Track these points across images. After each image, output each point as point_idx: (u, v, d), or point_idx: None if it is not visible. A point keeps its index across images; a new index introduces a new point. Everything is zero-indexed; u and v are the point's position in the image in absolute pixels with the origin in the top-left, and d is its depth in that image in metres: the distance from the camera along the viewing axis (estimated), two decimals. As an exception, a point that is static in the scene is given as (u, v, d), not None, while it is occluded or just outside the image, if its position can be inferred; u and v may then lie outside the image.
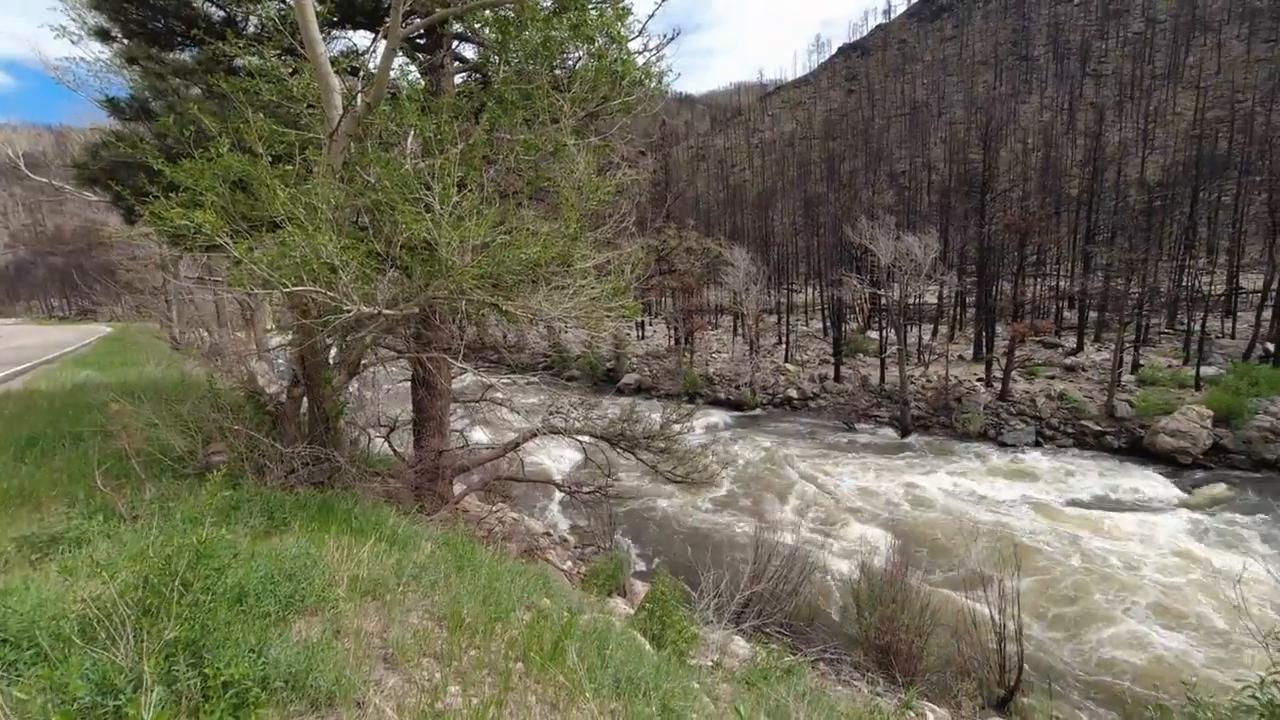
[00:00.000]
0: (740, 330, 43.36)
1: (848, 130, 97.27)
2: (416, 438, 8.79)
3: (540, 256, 4.57)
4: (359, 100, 4.44)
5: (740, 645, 9.51)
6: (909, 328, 36.41)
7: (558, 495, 19.99)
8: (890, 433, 27.75)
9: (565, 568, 14.01)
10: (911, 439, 26.68)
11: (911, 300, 39.28)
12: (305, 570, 3.21)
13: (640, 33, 6.22)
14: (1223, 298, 38.91)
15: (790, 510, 19.82)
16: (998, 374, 28.85)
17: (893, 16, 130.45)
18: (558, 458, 23.18)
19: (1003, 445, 25.27)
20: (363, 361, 5.91)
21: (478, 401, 10.63)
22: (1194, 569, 15.11)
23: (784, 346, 39.69)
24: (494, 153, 4.49)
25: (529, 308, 5.26)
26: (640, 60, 5.94)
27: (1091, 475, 21.85)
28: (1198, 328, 30.98)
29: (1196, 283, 37.79)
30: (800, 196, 64.97)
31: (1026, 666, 11.45)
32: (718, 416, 31.74)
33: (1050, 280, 43.87)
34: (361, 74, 5.74)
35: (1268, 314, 31.71)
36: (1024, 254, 33.15)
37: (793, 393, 32.56)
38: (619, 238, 7.62)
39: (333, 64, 4.70)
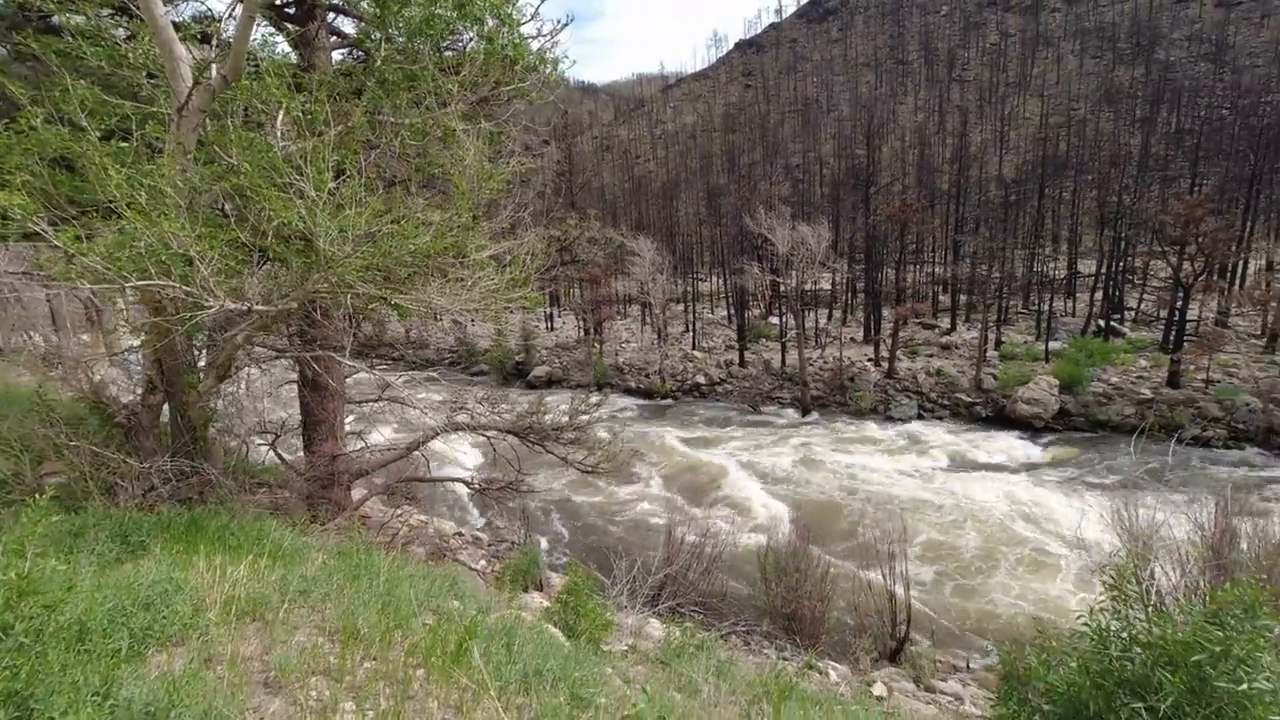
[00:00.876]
0: (648, 320, 43.99)
1: (746, 124, 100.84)
2: (307, 443, 8.15)
3: (432, 247, 4.36)
4: (214, 72, 3.98)
5: (655, 627, 9.73)
6: (806, 313, 38.57)
7: (469, 494, 19.40)
8: (792, 413, 29.33)
9: (479, 567, 13.65)
10: (812, 418, 28.36)
11: (808, 287, 41.60)
12: (166, 597, 2.88)
13: (533, 16, 6.07)
14: (1064, 281, 44.43)
15: (701, 492, 20.47)
16: (885, 354, 31.26)
17: (784, 16, 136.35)
18: (468, 455, 22.50)
19: (890, 419, 27.47)
20: (235, 363, 5.38)
21: (376, 401, 10.04)
22: (1046, 518, 17.26)
23: (691, 334, 40.74)
24: (377, 137, 4.20)
25: (423, 301, 5.02)
26: (535, 45, 5.79)
27: (965, 442, 24.31)
28: (1046, 308, 35.19)
29: (1045, 268, 42.87)
30: (703, 187, 66.69)
31: (913, 619, 12.64)
32: (629, 405, 32.08)
33: (928, 267, 48.04)
34: (216, 43, 5.15)
35: (1099, 295, 36.60)
36: (904, 243, 36.06)
37: (701, 379, 33.54)
38: (518, 228, 7.44)
39: (180, 30, 4.19)
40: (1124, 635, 3.50)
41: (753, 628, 12.78)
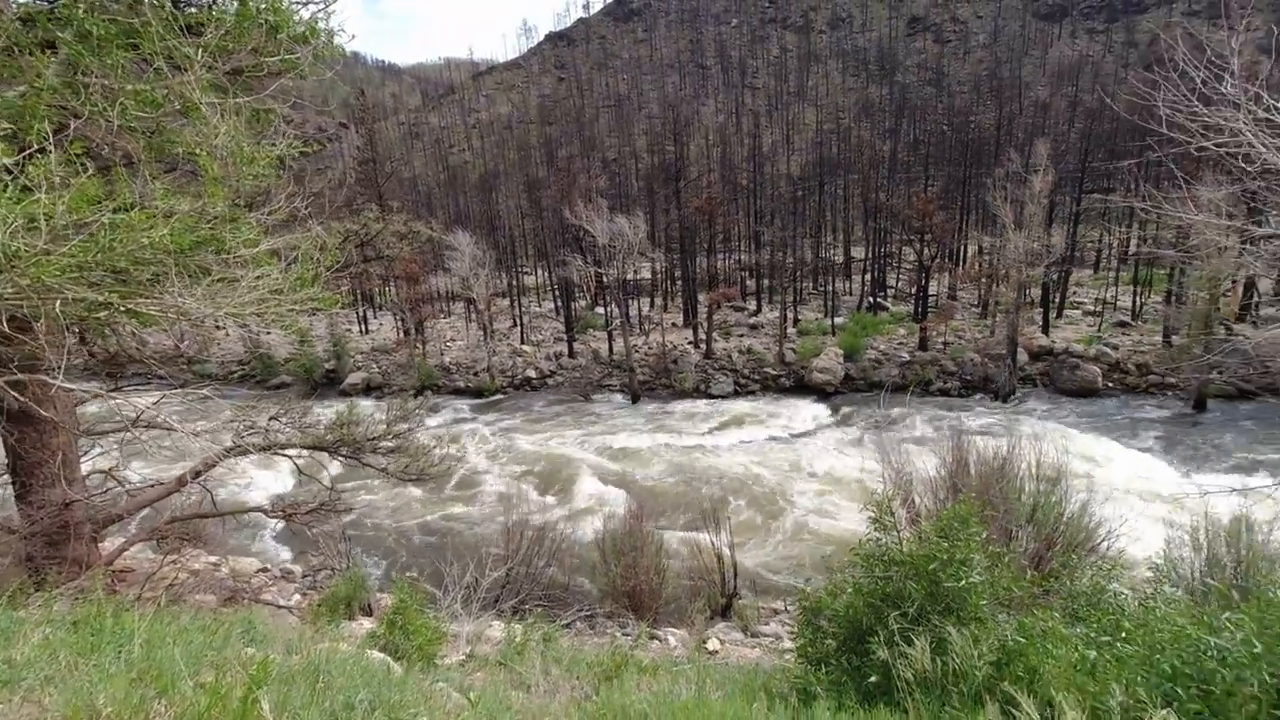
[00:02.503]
0: (474, 316, 42.27)
1: (562, 117, 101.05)
2: (19, 492, 6.39)
3: (177, 242, 3.67)
4: None
5: (497, 629, 9.48)
6: (630, 302, 40.07)
7: (274, 523, 17.03)
8: (623, 399, 30.37)
9: (290, 603, 12.07)
10: (641, 402, 29.64)
11: (630, 277, 43.18)
12: None
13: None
14: (843, 265, 51.86)
15: (540, 485, 20.33)
16: (703, 337, 33.73)
17: (592, 11, 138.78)
18: (276, 478, 19.67)
19: (711, 397, 29.79)
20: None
21: (127, 430, 8.25)
22: (840, 467, 20.12)
23: (519, 329, 40.04)
24: (82, 102, 3.38)
25: (175, 307, 4.22)
26: (304, 13, 5.13)
27: (774, 410, 27.28)
28: (830, 288, 40.74)
29: (828, 254, 49.57)
30: (523, 179, 65.58)
31: (739, 575, 13.97)
32: (459, 405, 30.65)
33: (735, 254, 52.72)
34: None
35: (869, 276, 43.35)
36: (713, 233, 39.09)
37: (531, 373, 33.18)
38: (302, 219, 6.61)
39: None
40: (884, 558, 4.23)
41: (596, 611, 13.08)
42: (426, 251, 41.30)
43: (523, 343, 37.87)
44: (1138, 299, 34.32)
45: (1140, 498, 16.52)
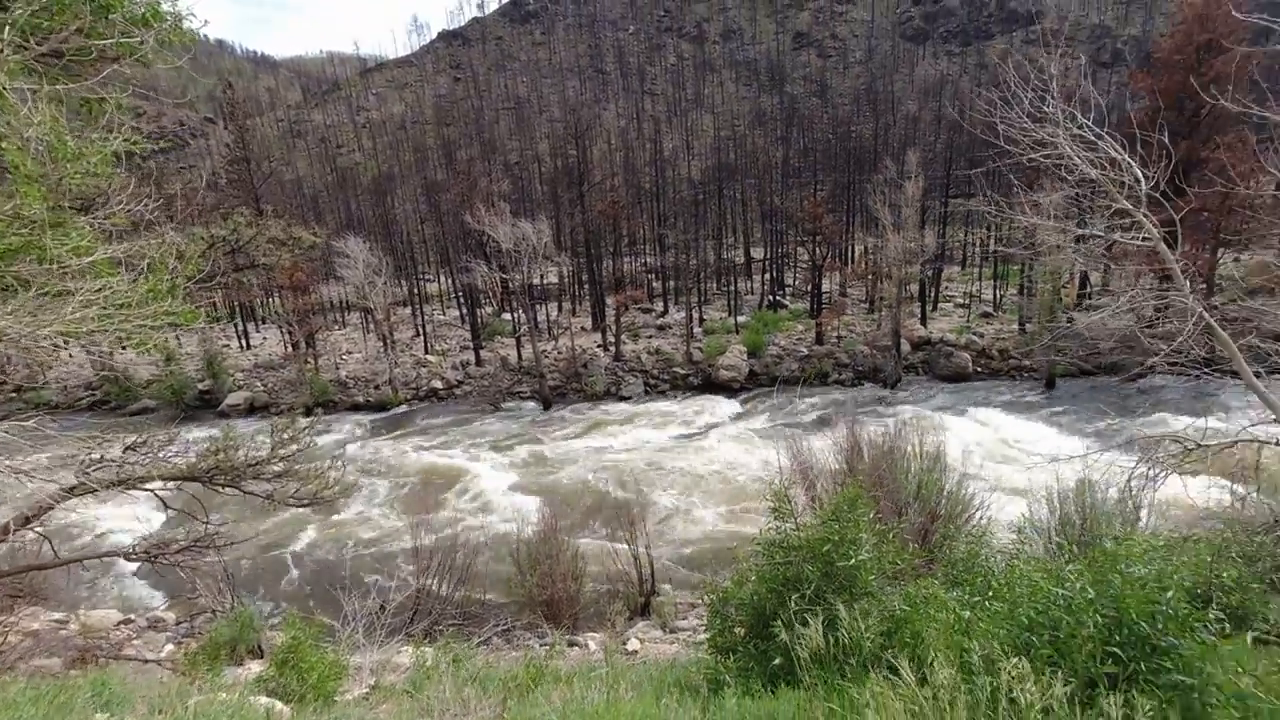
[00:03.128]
0: (372, 327, 39.90)
1: (460, 119, 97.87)
2: None
3: (-18, 248, 3.14)
4: None
5: (405, 656, 8.97)
6: (537, 307, 39.51)
7: (139, 568, 15.18)
8: (533, 405, 29.84)
9: (161, 655, 10.76)
10: (552, 408, 29.27)
11: (536, 281, 42.57)
12: None
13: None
14: (744, 265, 54.06)
15: (450, 500, 19.52)
16: (612, 339, 33.86)
17: (487, 11, 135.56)
18: (141, 517, 17.44)
19: (623, 399, 29.97)
20: None
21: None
22: (749, 460, 20.89)
23: (423, 338, 38.28)
24: None
25: (-13, 325, 3.63)
26: (146, -8, 4.58)
27: (684, 409, 27.89)
28: (733, 288, 42.30)
29: (729, 255, 51.47)
30: (421, 182, 62.80)
31: (657, 573, 14.14)
32: (360, 421, 28.79)
33: (641, 257, 53.45)
34: None
35: (768, 276, 45.46)
36: (618, 236, 39.38)
37: (437, 383, 31.82)
38: (156, 225, 5.92)
39: None
40: (783, 544, 4.42)
41: (513, 624, 12.75)
42: (316, 259, 38.48)
43: (427, 352, 36.22)
44: (997, 292, 38.49)
45: (1006, 468, 18.46)
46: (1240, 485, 9.55)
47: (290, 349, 36.05)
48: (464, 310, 42.06)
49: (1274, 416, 4.23)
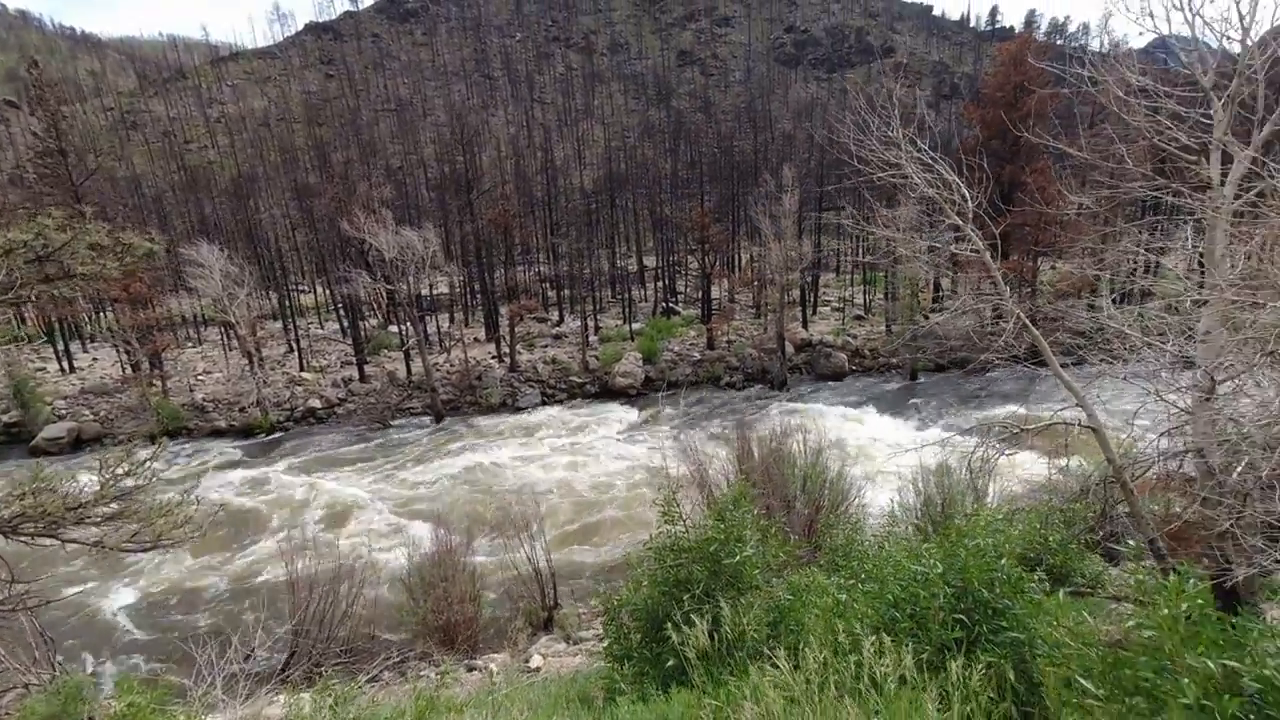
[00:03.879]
0: (233, 342, 35.95)
1: (335, 118, 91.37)
2: None
3: None
4: None
5: (278, 708, 8.10)
6: (427, 318, 37.69)
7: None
8: (426, 421, 28.37)
9: (-46, 749, 8.89)
10: (446, 423, 27.99)
11: (425, 292, 40.63)
12: None
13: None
14: (637, 273, 55.03)
15: (331, 530, 18.00)
16: (507, 350, 33.06)
17: (361, 6, 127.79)
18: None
19: (519, 409, 29.32)
20: None
21: None
22: (646, 465, 21.18)
23: (297, 354, 35.11)
24: None
25: None
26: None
27: (582, 417, 27.78)
28: (627, 296, 42.90)
29: (624, 263, 52.18)
30: (290, 185, 57.76)
31: (559, 585, 13.89)
32: (223, 449, 25.77)
33: (535, 266, 52.76)
34: None
35: (661, 283, 46.62)
36: (510, 245, 38.60)
37: (315, 403, 29.31)
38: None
39: None
40: (674, 547, 4.52)
41: (407, 655, 11.98)
42: (159, 268, 34.05)
43: (303, 369, 33.24)
44: (867, 297, 42.20)
45: (879, 456, 20.19)
46: (1058, 461, 11.15)
47: (129, 370, 31.57)
48: (345, 323, 39.15)
49: (1076, 401, 5.01)
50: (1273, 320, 3.41)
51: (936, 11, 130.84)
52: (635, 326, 38.34)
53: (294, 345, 35.59)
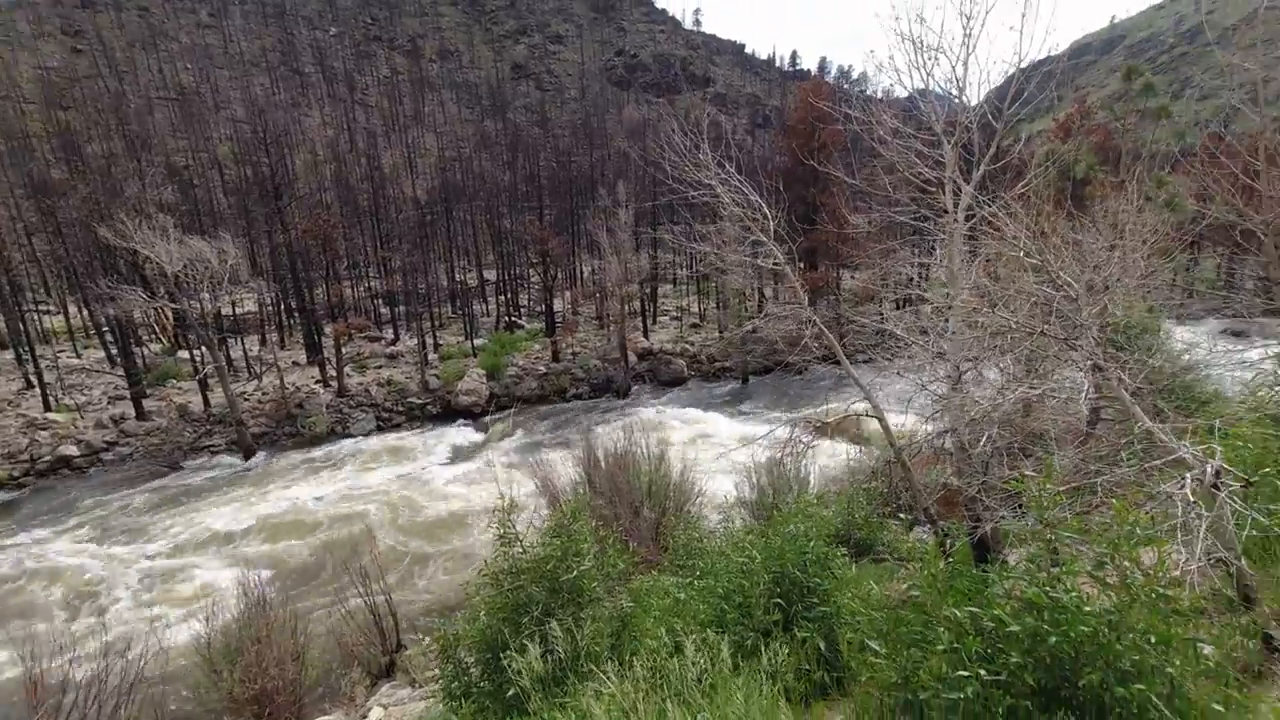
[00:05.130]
0: (-56, 381, 27.90)
1: (87, 102, 75.84)
2: None
3: None
4: None
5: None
6: (231, 341, 32.73)
7: None
8: (231, 459, 24.51)
9: None
10: (258, 459, 24.43)
11: (227, 311, 35.29)
12: None
13: None
14: (478, 288, 53.13)
15: (94, 606, 14.69)
16: (333, 373, 29.88)
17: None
18: None
19: (350, 437, 26.61)
20: None
21: None
22: (492, 486, 20.38)
23: (39, 390, 28.25)
24: None
25: None
26: None
27: (422, 440, 25.99)
28: (468, 311, 41.20)
29: (463, 277, 50.03)
30: (23, 182, 46.60)
31: (402, 626, 12.72)
32: (-79, 524, 19.76)
33: (365, 281, 48.48)
34: None
35: (503, 297, 45.47)
36: (331, 258, 35.05)
37: (70, 449, 23.83)
38: None
39: None
40: (511, 570, 4.35)
41: (207, 741, 10.15)
42: None
43: (49, 409, 26.83)
44: (701, 305, 45.13)
45: (717, 454, 21.58)
46: (857, 446, 12.81)
47: None
48: (113, 350, 32.48)
49: (863, 395, 5.82)
50: (995, 320, 4.28)
51: (748, 50, 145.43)
52: (478, 342, 36.92)
53: (34, 380, 28.62)
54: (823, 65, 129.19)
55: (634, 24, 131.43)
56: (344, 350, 30.50)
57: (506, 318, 43.36)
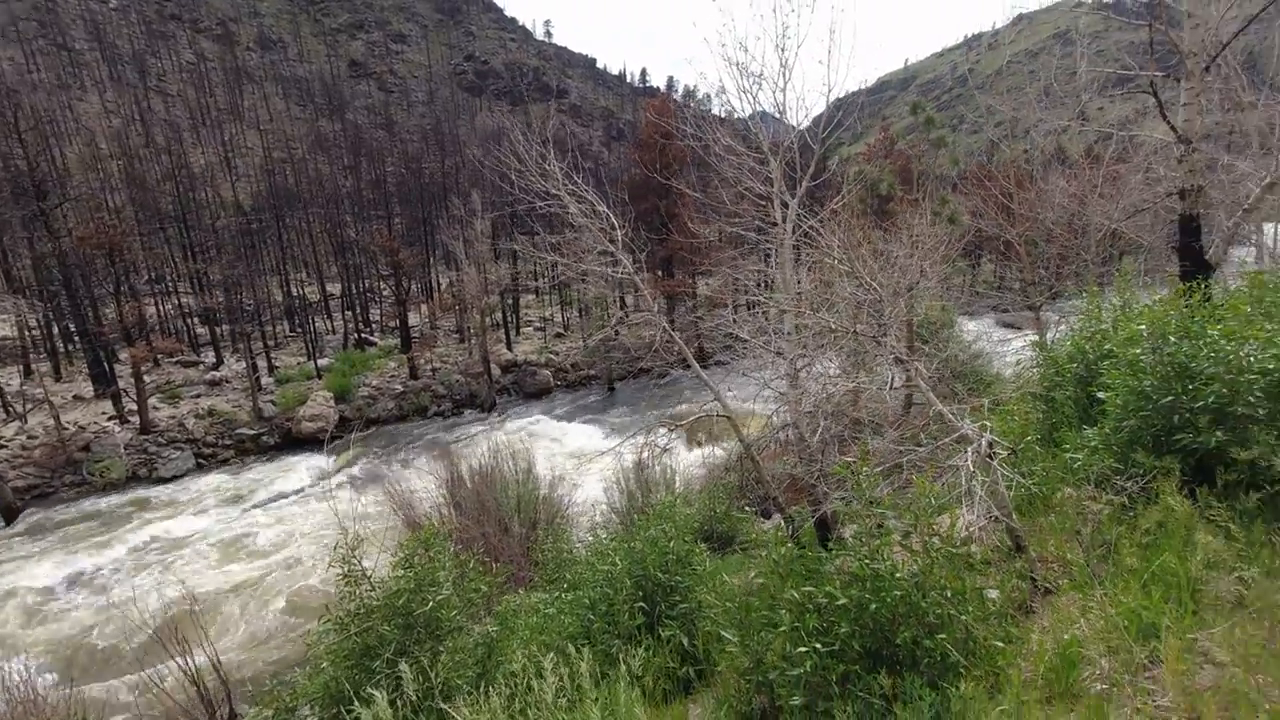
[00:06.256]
0: None
1: None
2: None
3: None
4: None
5: None
6: (-19, 376, 26.40)
7: None
8: (-14, 524, 19.72)
9: None
10: (21, 520, 19.93)
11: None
12: None
13: None
14: (321, 302, 48.28)
15: None
16: (134, 406, 25.34)
17: None
18: None
19: (162, 481, 22.74)
20: None
21: None
22: (345, 518, 18.54)
23: None
24: None
25: None
26: None
27: (255, 476, 22.95)
28: (310, 328, 37.26)
29: (302, 291, 45.12)
30: None
31: (234, 692, 11.03)
32: None
33: (175, 298, 41.79)
34: None
35: (350, 313, 41.78)
36: (122, 270, 29.72)
37: None
38: None
39: None
40: (359, 611, 3.96)
41: None
42: None
43: None
44: (565, 315, 45.02)
45: (585, 463, 21.61)
46: (718, 444, 13.55)
47: None
48: None
49: (714, 397, 6.18)
50: (820, 322, 4.78)
51: (600, 64, 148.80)
52: (323, 362, 33.52)
53: None
54: (670, 84, 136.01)
55: (483, 30, 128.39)
56: (148, 379, 25.97)
57: (356, 334, 39.86)
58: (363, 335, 40.03)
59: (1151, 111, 7.21)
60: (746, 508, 10.77)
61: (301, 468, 23.95)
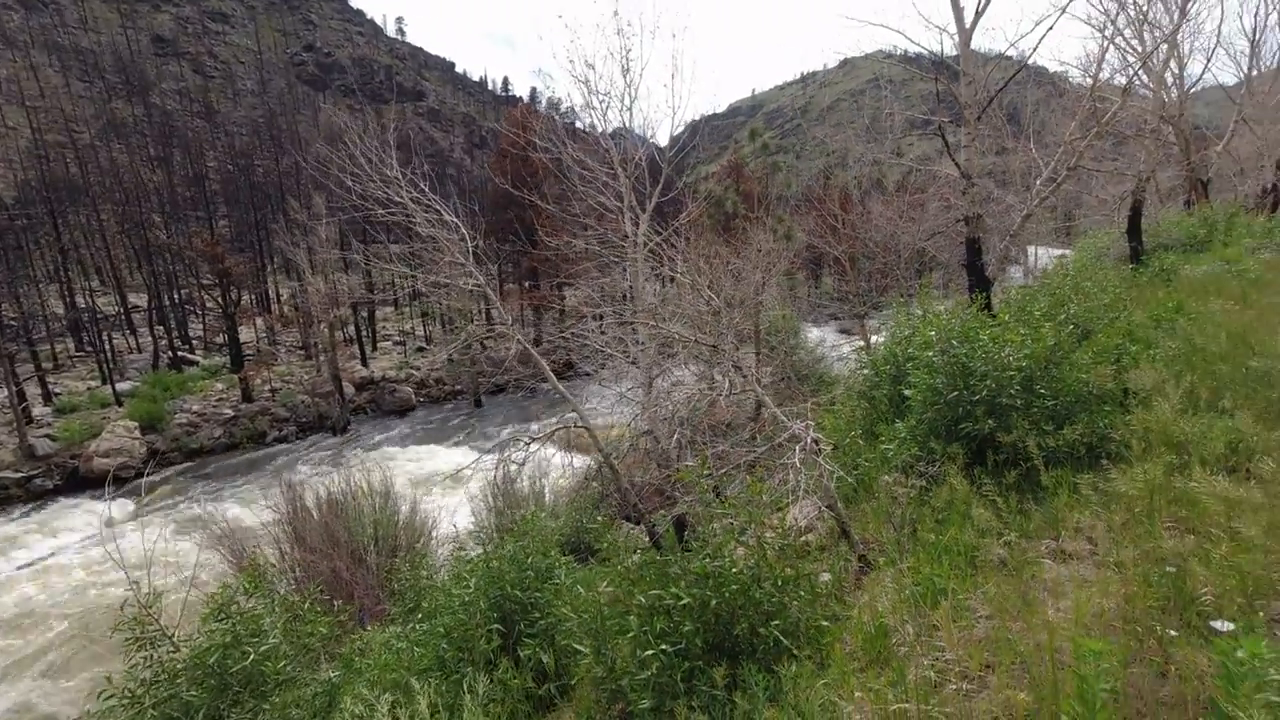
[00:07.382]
0: None
1: None
2: None
3: None
4: None
5: None
6: None
7: None
8: None
9: None
10: None
11: None
12: None
13: None
14: (122, 315, 41.03)
15: None
16: None
17: None
18: None
19: (-120, 547, 17.79)
20: None
21: None
22: (142, 573, 15.80)
23: None
24: None
25: None
26: None
27: (17, 529, 18.83)
28: (107, 347, 31.49)
29: (92, 302, 37.99)
30: None
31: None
32: None
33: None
34: None
35: (161, 328, 35.96)
36: None
37: None
38: None
39: None
40: (158, 679, 3.39)
41: None
42: None
43: None
44: (427, 328, 42.58)
45: (454, 481, 20.55)
46: (585, 455, 13.59)
47: None
48: None
49: (572, 407, 6.20)
50: (668, 331, 5.02)
51: (460, 69, 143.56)
52: (124, 386, 28.51)
53: None
54: (534, 94, 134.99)
55: (325, 19, 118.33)
56: None
57: (170, 353, 34.41)
58: (179, 354, 34.69)
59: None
60: (612, 516, 10.91)
61: (91, 512, 20.08)
